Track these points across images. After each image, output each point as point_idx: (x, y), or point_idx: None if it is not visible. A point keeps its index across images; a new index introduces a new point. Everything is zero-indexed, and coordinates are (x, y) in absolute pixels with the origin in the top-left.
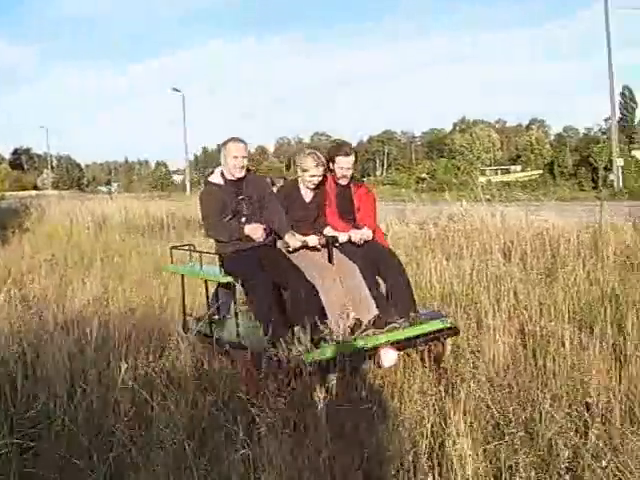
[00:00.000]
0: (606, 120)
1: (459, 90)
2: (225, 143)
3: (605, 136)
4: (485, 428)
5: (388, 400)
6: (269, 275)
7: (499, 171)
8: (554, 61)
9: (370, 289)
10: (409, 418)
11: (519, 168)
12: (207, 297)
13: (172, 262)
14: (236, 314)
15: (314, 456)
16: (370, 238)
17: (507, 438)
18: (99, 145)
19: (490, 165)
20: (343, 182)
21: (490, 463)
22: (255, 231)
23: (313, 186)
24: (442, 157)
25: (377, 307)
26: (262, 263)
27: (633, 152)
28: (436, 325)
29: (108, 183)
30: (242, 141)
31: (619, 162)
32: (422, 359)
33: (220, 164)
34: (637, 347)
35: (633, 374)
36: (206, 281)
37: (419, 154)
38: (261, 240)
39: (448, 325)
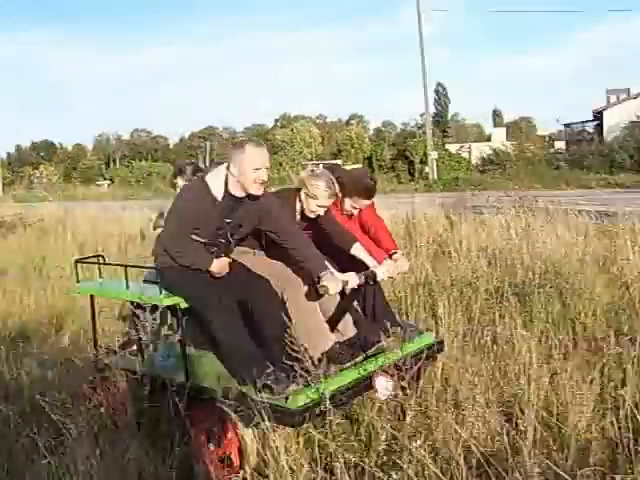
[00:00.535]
0: (421, 115)
1: (281, 87)
2: (241, 145)
3: (421, 130)
4: None
5: None
6: (230, 293)
7: (320, 165)
8: (374, 58)
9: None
10: None
11: (340, 162)
12: (135, 322)
13: (77, 280)
14: (183, 348)
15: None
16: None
17: (327, 425)
18: None
19: (311, 159)
20: (348, 213)
21: (312, 450)
22: (222, 269)
23: (314, 216)
24: None
25: (355, 324)
26: (218, 277)
27: (447, 146)
28: (426, 340)
29: None
30: (264, 146)
31: (434, 155)
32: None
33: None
34: (449, 330)
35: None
36: (133, 303)
37: None
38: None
39: (437, 340)
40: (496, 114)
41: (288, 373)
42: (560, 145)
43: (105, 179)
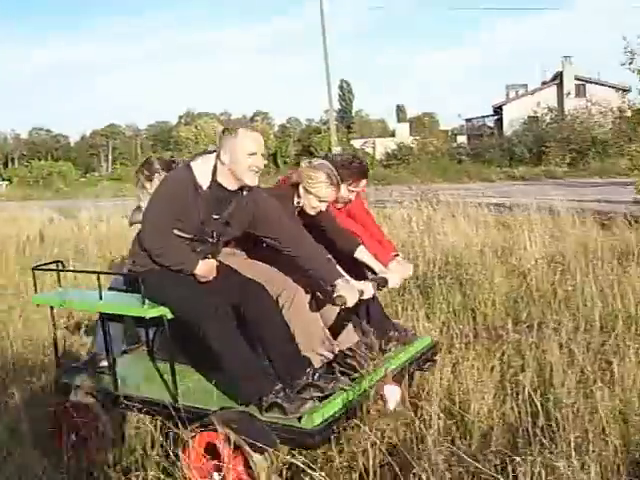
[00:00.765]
0: (326, 111)
1: (185, 84)
2: (233, 129)
3: (325, 126)
4: None
5: None
6: (222, 298)
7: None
8: (279, 54)
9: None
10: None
11: None
12: (106, 336)
13: (36, 290)
14: (172, 365)
15: None
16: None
17: None
18: None
19: None
20: (345, 200)
21: None
22: (208, 273)
23: (315, 213)
24: (168, 150)
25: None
26: (204, 282)
27: (352, 141)
28: (425, 342)
29: None
30: (259, 131)
31: (338, 150)
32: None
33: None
34: None
35: None
36: (102, 315)
37: (145, 148)
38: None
39: (434, 341)
40: (400, 110)
41: (294, 388)
42: (462, 139)
43: (3, 179)
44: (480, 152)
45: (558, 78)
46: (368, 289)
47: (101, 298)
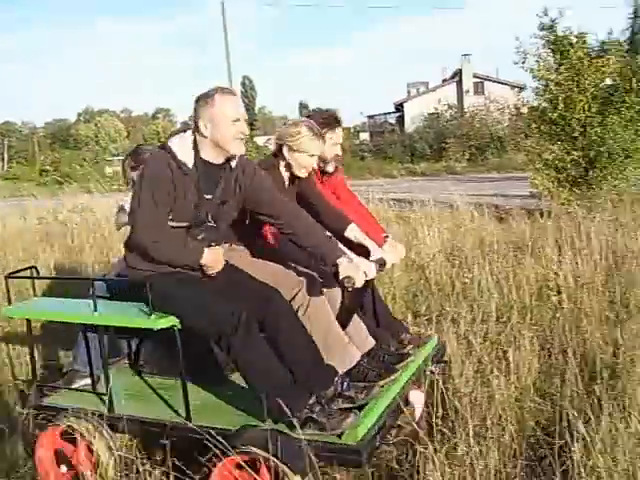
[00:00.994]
0: None
1: (83, 80)
2: (207, 97)
3: None
4: None
5: None
6: (241, 305)
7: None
8: (181, 50)
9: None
10: None
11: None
12: (88, 350)
13: (10, 301)
14: (183, 380)
15: None
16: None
17: None
18: None
19: (118, 155)
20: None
21: None
22: (216, 262)
23: (306, 174)
24: (67, 148)
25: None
26: (218, 286)
27: (255, 138)
28: (434, 343)
29: None
30: (234, 91)
31: None
32: None
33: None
34: None
35: None
36: (86, 328)
37: (42, 146)
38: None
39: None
40: (303, 107)
41: (322, 400)
42: (365, 137)
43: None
44: (382, 149)
45: (458, 76)
46: (371, 269)
47: (96, 309)
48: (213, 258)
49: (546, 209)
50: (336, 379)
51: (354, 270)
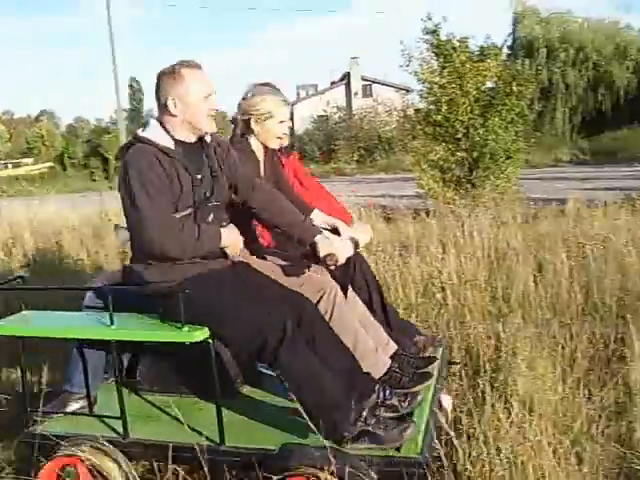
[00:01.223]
0: (116, 111)
1: None
2: (173, 72)
3: (115, 126)
4: None
5: None
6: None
7: (9, 165)
8: (66, 50)
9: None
10: None
11: (31, 161)
12: (85, 365)
13: None
14: (217, 401)
15: None
16: None
17: None
18: None
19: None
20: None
21: None
22: (236, 242)
23: (280, 144)
24: None
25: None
26: (248, 293)
27: None
28: (445, 344)
29: None
30: (200, 64)
31: None
32: None
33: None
34: None
35: None
36: (81, 344)
37: None
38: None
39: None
40: None
41: (365, 409)
42: None
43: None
44: None
45: (346, 79)
46: (347, 246)
47: (112, 323)
48: (232, 238)
49: (432, 208)
50: (377, 386)
51: (334, 247)
